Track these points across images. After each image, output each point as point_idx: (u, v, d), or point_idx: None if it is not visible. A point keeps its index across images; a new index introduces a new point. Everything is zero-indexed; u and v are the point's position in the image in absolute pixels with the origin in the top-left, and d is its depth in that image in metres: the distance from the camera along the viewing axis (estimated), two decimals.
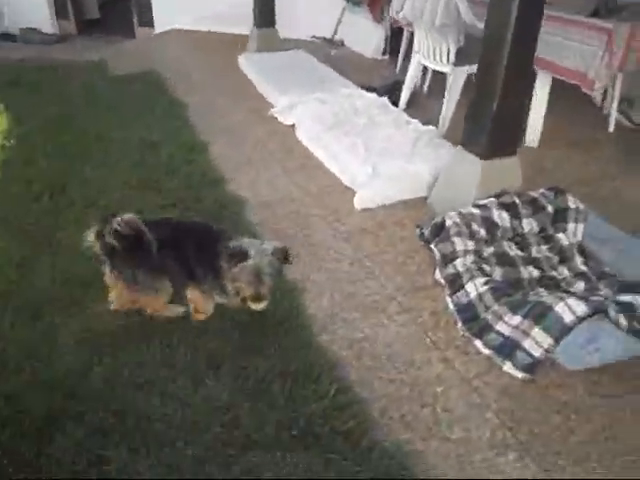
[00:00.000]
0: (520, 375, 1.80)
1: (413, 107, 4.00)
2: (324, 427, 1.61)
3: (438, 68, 3.56)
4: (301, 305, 2.12)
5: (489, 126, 2.39)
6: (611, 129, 3.74)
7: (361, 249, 2.45)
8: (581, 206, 2.44)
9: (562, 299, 1.82)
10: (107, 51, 5.80)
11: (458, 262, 2.17)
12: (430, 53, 3.53)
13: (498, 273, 2.22)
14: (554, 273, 2.24)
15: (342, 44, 5.73)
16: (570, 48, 2.99)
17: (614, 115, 3.73)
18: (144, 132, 3.52)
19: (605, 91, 3.62)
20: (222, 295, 1.93)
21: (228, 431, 1.60)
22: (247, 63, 4.70)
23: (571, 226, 2.38)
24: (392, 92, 4.01)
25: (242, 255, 1.78)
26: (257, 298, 1.80)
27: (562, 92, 3.28)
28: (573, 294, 1.96)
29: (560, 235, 2.34)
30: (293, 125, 3.63)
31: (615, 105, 3.71)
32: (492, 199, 2.47)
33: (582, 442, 1.61)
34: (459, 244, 2.22)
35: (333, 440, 1.57)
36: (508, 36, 2.22)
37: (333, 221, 2.65)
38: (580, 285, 2.13)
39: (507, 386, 1.79)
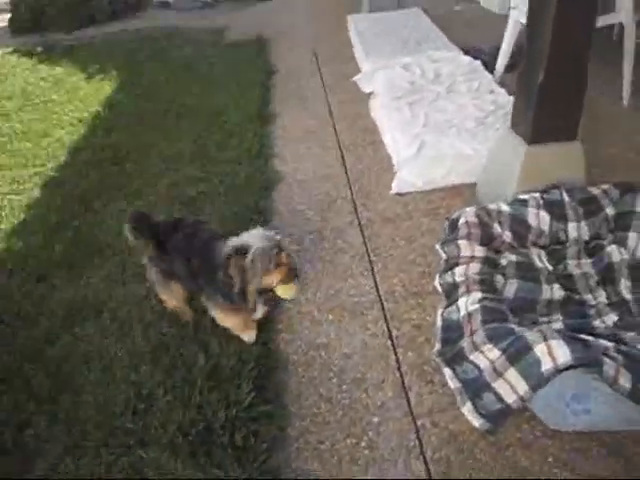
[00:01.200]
0: (477, 423, 1.45)
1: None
2: (222, 437, 1.49)
3: None
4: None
5: (535, 100, 1.90)
6: None
7: (373, 241, 2.18)
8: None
9: (545, 339, 1.40)
10: (235, 16, 5.96)
11: (458, 270, 1.80)
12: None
13: (512, 289, 1.80)
14: (588, 296, 1.74)
15: None
16: None
17: None
18: (222, 100, 3.57)
19: None
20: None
21: (135, 421, 1.57)
22: (354, 24, 4.43)
23: (633, 237, 1.80)
24: (496, 55, 3.44)
25: (244, 249, 1.59)
26: (285, 281, 1.63)
27: None
28: (576, 333, 1.50)
29: (612, 247, 1.80)
30: (370, 94, 3.35)
31: None
32: (536, 194, 1.99)
33: None
34: (465, 249, 1.84)
35: (224, 455, 1.44)
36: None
37: (359, 206, 2.40)
38: (611, 318, 1.62)
39: (459, 433, 1.46)
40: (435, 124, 2.70)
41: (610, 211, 1.89)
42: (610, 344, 1.41)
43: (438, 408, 1.53)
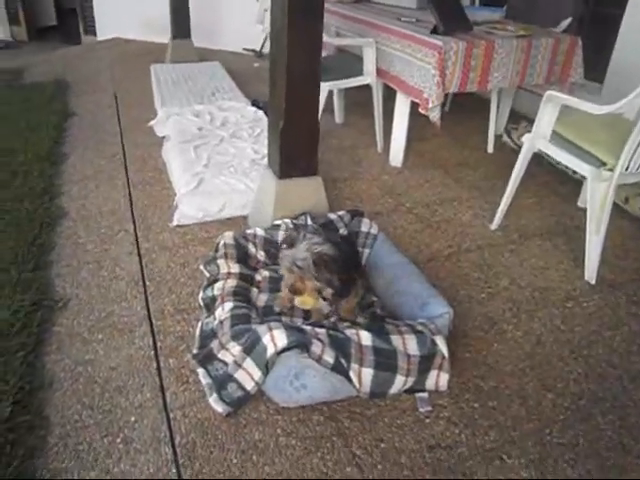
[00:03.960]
0: (221, 409, 1.69)
1: None
2: None
3: None
4: (49, 322, 2.06)
5: (279, 143, 2.30)
6: (490, 150, 3.62)
7: (149, 267, 2.36)
8: (374, 231, 2.33)
9: (271, 329, 1.71)
10: (38, 58, 5.84)
11: (217, 285, 2.07)
12: None
13: (263, 298, 2.12)
14: None
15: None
16: (414, 66, 2.88)
17: (492, 135, 3.60)
18: (10, 141, 3.51)
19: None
20: None
21: None
22: (155, 73, 4.67)
23: (365, 252, 2.26)
24: None
25: (291, 242, 1.83)
26: (294, 291, 1.83)
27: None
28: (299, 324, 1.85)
29: None
30: (164, 137, 3.58)
31: (492, 125, 3.59)
32: (287, 220, 2.37)
33: None
34: (223, 266, 2.12)
35: None
36: (284, 52, 2.12)
37: (141, 237, 2.58)
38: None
39: (204, 420, 1.68)
40: (215, 164, 3.01)
41: (343, 232, 2.33)
42: (322, 330, 1.77)
43: (190, 402, 1.74)
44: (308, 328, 1.77)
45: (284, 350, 1.66)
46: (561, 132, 2.36)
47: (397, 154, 3.32)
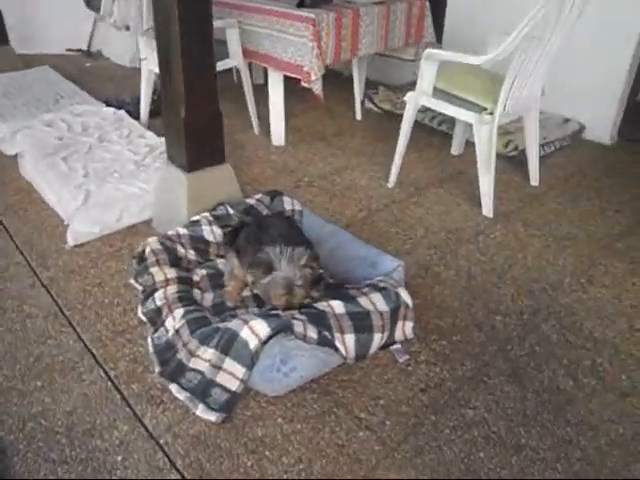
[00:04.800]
0: (214, 417, 1.60)
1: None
2: None
3: None
4: None
5: (184, 135, 2.17)
6: (359, 117, 3.79)
7: (62, 297, 2.09)
8: (297, 207, 2.33)
9: (246, 322, 1.64)
10: None
11: (157, 295, 1.91)
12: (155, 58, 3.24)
13: (209, 298, 2.01)
14: None
15: (100, 55, 5.24)
16: (287, 41, 2.89)
17: (359, 103, 3.78)
18: None
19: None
20: None
21: None
22: None
23: None
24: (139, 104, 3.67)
25: (268, 266, 1.77)
26: (288, 308, 1.76)
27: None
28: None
29: None
30: (17, 155, 3.14)
31: (358, 93, 3.76)
32: (206, 213, 2.26)
33: None
34: (158, 274, 1.97)
35: None
36: (176, 32, 1.98)
37: (37, 266, 2.26)
38: None
39: (200, 433, 1.57)
40: (95, 173, 2.73)
41: (267, 214, 2.30)
42: (294, 311, 1.75)
43: (176, 421, 1.61)
44: (280, 312, 1.74)
45: (269, 338, 1.61)
46: (442, 87, 2.57)
47: (278, 133, 3.33)
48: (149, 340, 1.85)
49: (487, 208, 2.64)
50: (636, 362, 1.83)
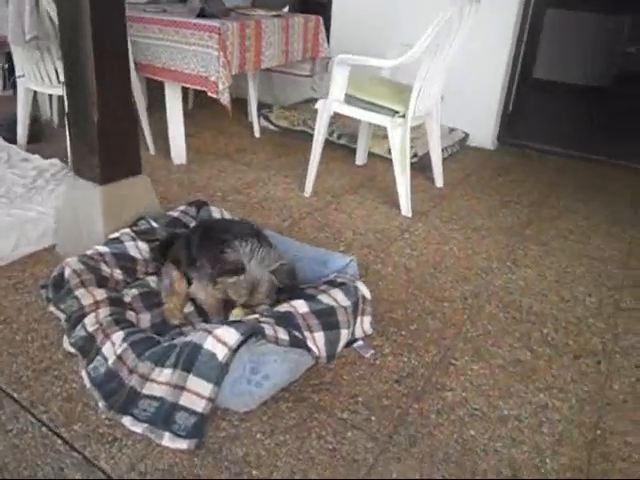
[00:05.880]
0: (185, 445, 1.39)
1: (43, 141, 3.35)
2: None
3: (49, 91, 2.97)
4: None
5: (97, 142, 1.94)
6: (257, 135, 3.74)
7: None
8: (227, 215, 2.20)
9: (209, 332, 1.47)
10: None
11: (87, 320, 1.65)
12: (36, 74, 2.92)
13: (146, 319, 1.78)
14: None
15: None
16: (189, 52, 2.76)
17: (256, 121, 3.74)
18: None
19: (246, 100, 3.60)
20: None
21: None
22: None
23: None
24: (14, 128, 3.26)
25: (239, 270, 1.65)
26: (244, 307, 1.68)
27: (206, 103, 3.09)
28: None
29: None
30: None
31: (255, 111, 3.72)
32: (126, 229, 2.02)
33: None
34: (85, 297, 1.70)
35: None
36: (86, 20, 1.77)
37: None
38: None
39: (172, 465, 1.35)
40: None
41: (195, 225, 2.12)
42: (256, 315, 1.61)
43: (139, 458, 1.37)
44: (244, 318, 1.59)
45: (240, 345, 1.45)
46: (352, 94, 2.62)
47: (179, 151, 3.15)
48: (83, 373, 1.58)
49: (405, 208, 2.71)
50: (576, 327, 1.96)
